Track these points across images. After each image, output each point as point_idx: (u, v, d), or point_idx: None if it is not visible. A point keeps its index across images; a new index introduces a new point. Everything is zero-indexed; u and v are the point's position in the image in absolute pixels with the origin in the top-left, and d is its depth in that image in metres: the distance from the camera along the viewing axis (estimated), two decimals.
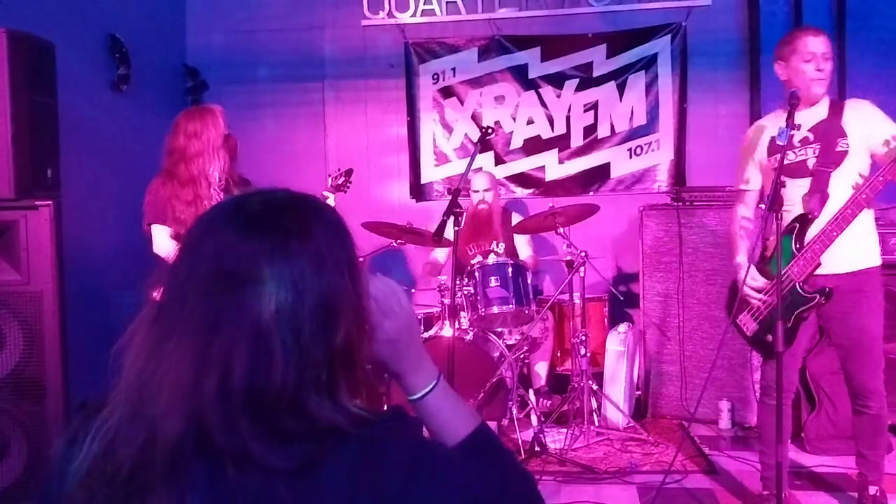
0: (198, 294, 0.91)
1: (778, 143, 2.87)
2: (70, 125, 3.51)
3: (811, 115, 2.96)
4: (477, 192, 4.76)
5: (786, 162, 2.88)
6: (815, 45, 2.92)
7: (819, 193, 2.88)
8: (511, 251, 4.70)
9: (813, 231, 2.90)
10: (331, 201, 3.47)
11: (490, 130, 3.10)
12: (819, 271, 2.91)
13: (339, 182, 3.63)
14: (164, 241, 3.33)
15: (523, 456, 3.82)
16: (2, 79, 3.05)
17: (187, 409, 0.86)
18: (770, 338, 3.02)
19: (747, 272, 2.98)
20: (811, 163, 2.94)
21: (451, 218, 2.87)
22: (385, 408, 1.00)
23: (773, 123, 3.06)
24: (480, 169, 5.18)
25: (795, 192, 2.91)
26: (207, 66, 5.63)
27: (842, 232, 2.84)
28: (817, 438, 3.88)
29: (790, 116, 2.77)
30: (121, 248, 3.35)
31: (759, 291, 3.02)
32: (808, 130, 2.95)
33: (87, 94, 4.24)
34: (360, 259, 1.02)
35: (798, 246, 2.89)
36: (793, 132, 2.77)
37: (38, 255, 3.03)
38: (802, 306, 2.91)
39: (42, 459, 2.90)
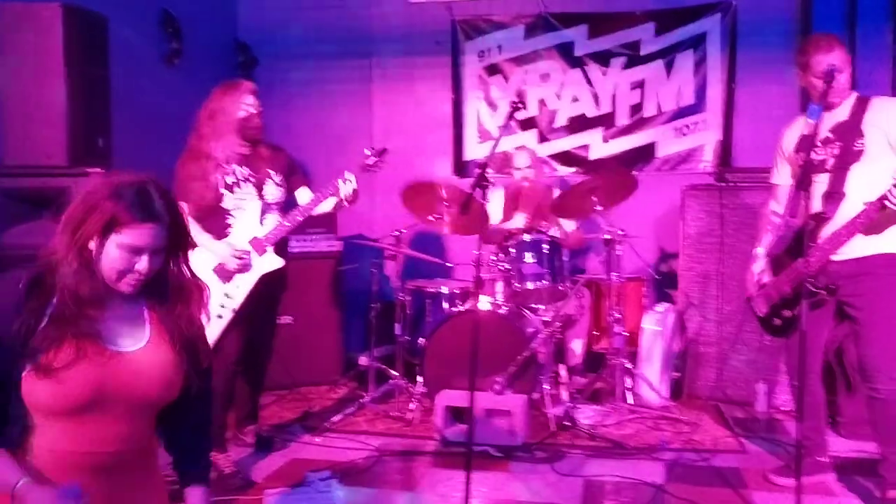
0: None
1: (808, 120, 2.92)
2: (122, 97, 3.65)
3: (833, 116, 3.04)
4: (519, 169, 4.78)
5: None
6: (825, 62, 2.95)
7: (835, 194, 2.98)
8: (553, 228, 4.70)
9: (827, 230, 2.99)
10: (349, 184, 3.53)
11: (520, 104, 3.11)
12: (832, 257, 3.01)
13: (370, 162, 3.66)
14: None
15: (553, 429, 3.88)
16: (56, 51, 3.21)
17: None
18: (777, 321, 3.21)
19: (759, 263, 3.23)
20: (830, 162, 3.02)
21: (480, 191, 2.91)
22: None
23: (802, 123, 3.16)
24: (523, 147, 5.19)
25: (815, 189, 3.00)
26: (259, 42, 5.75)
27: (853, 236, 2.93)
28: (852, 423, 3.83)
29: (825, 95, 2.88)
30: None
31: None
32: (829, 131, 3.03)
33: (139, 67, 4.39)
34: None
35: (810, 244, 2.95)
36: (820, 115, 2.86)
37: None
38: (808, 299, 2.93)
39: None
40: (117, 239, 1.56)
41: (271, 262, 3.52)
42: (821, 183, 3.01)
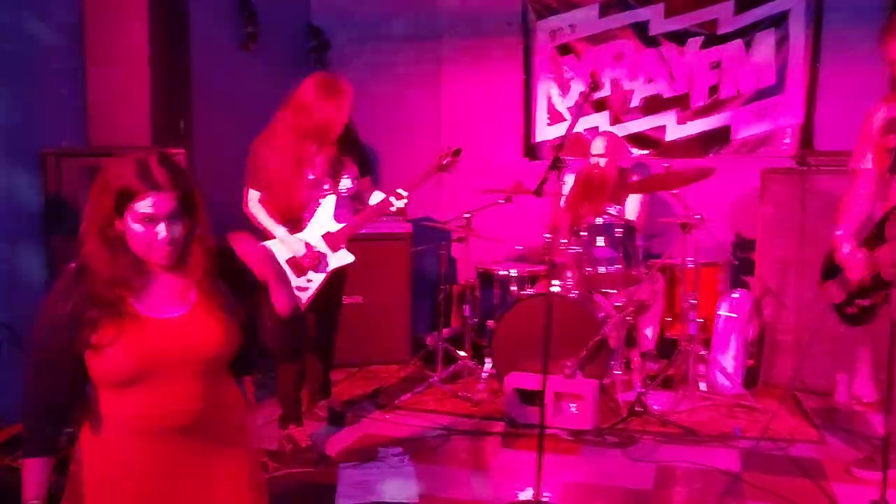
0: None
1: None
2: (201, 81, 3.75)
3: None
4: (592, 155, 4.70)
5: None
6: None
7: None
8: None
9: None
10: (402, 200, 3.56)
11: (596, 84, 3.05)
12: None
13: (445, 162, 3.65)
14: (252, 203, 3.48)
15: (624, 415, 3.83)
16: (142, 36, 3.32)
17: None
18: (852, 310, 3.14)
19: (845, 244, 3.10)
20: None
21: (554, 174, 2.88)
22: None
23: (889, 106, 3.08)
24: (603, 132, 5.10)
25: None
26: (331, 26, 5.81)
27: None
28: None
29: None
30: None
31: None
32: None
33: (217, 51, 4.49)
34: None
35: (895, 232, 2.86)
36: None
37: None
38: (883, 290, 2.90)
39: None
40: (131, 213, 1.64)
41: (343, 257, 3.58)
42: None
